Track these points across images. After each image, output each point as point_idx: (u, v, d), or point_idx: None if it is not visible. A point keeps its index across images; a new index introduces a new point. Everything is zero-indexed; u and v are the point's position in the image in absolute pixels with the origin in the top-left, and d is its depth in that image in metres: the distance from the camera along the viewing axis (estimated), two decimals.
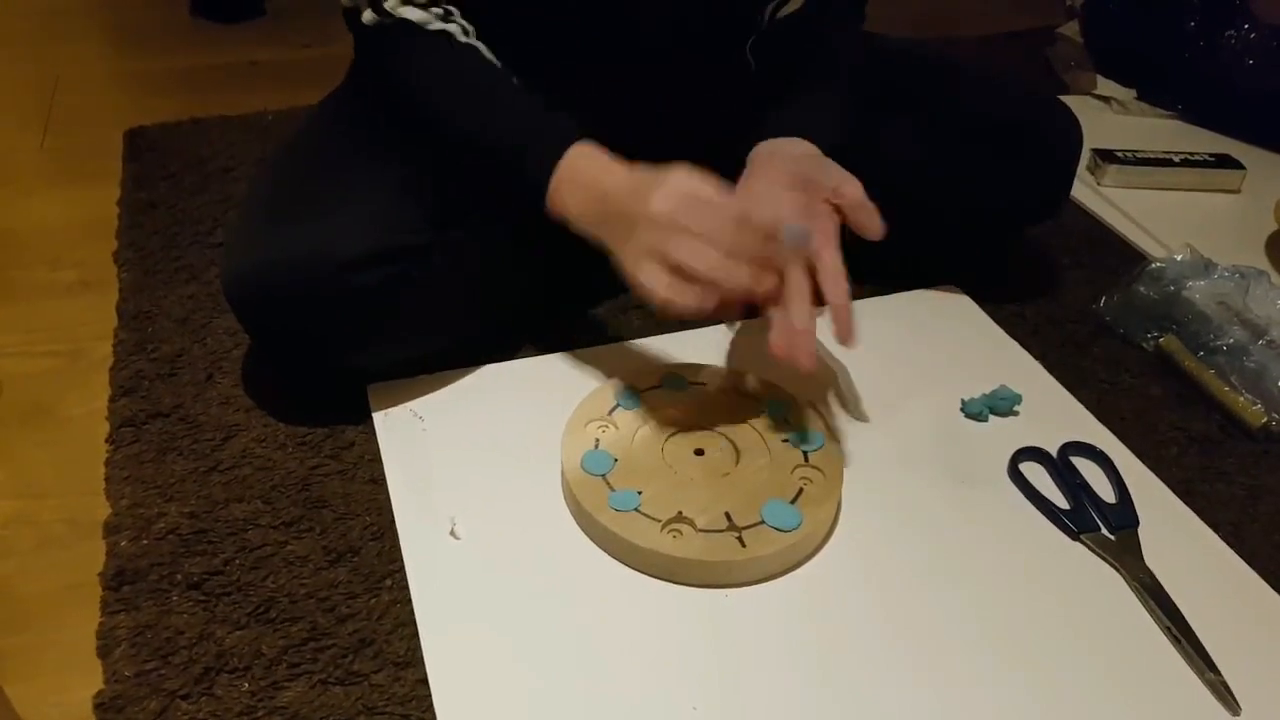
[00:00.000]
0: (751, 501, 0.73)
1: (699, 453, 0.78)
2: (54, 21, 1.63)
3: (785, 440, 0.79)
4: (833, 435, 0.80)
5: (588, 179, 0.74)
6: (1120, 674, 0.66)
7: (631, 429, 0.80)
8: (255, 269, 0.76)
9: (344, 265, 0.75)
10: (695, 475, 0.76)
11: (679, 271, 0.68)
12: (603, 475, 0.75)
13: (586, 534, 0.73)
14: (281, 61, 1.50)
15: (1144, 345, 0.96)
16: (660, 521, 0.71)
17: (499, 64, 0.79)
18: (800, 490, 0.74)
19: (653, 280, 0.69)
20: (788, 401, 0.82)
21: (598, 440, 0.78)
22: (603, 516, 0.71)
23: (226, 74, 1.47)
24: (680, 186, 0.70)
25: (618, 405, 0.81)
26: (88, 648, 0.66)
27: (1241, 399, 0.88)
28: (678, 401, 0.83)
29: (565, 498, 0.76)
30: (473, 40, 0.79)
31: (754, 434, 0.80)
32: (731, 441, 0.79)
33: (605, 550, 0.72)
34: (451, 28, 0.78)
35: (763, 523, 0.71)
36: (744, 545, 0.70)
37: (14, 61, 1.52)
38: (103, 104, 1.38)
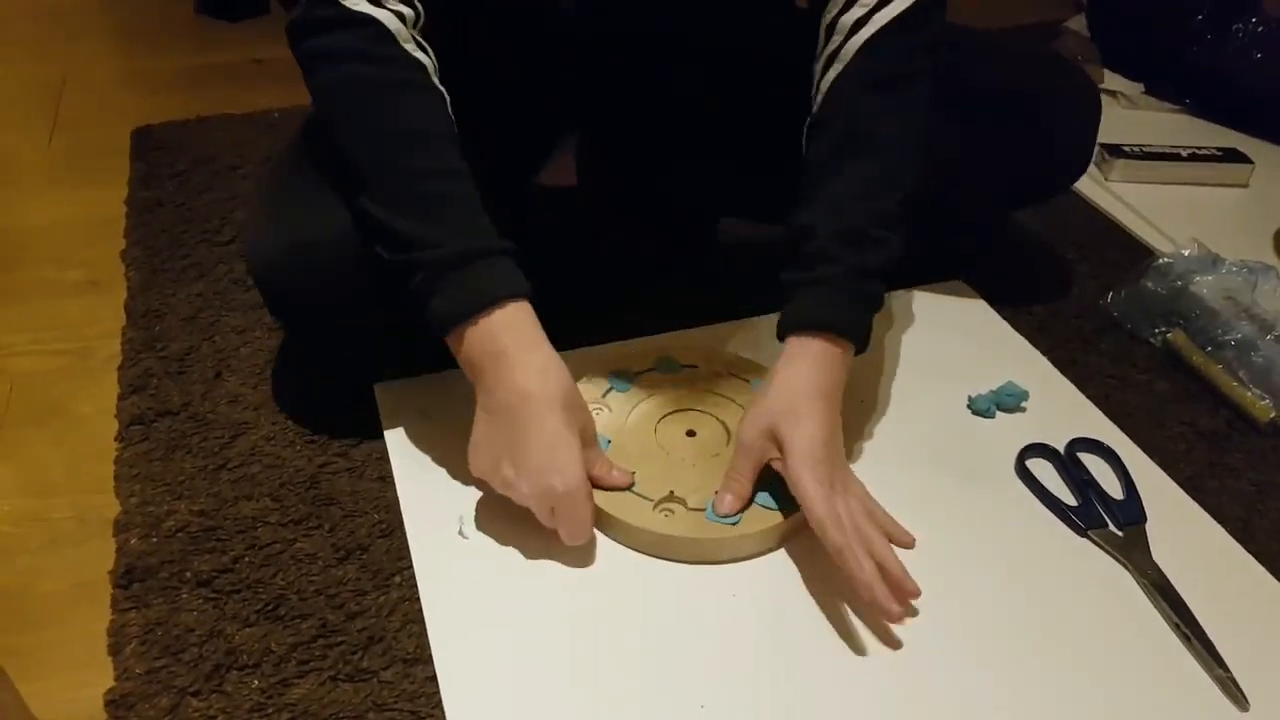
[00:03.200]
0: None
1: (691, 434, 0.79)
2: (60, 21, 1.64)
3: None
4: None
5: (495, 347, 0.67)
6: (1128, 671, 0.66)
7: (625, 411, 0.80)
8: (279, 245, 0.75)
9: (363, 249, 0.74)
10: (687, 456, 0.77)
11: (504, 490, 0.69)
12: None
13: None
14: (286, 59, 1.46)
15: (1151, 340, 0.96)
16: (653, 501, 0.72)
17: (454, 125, 0.72)
18: None
19: (486, 472, 0.69)
20: None
21: None
22: (596, 497, 0.72)
23: (232, 72, 1.48)
24: (577, 485, 0.67)
25: (611, 389, 0.82)
26: (98, 645, 0.67)
27: (1249, 394, 0.88)
28: (671, 384, 0.83)
29: None
30: (434, 80, 0.72)
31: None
32: (723, 423, 0.80)
33: (600, 530, 0.73)
34: (419, 55, 0.72)
35: (754, 502, 0.72)
36: (735, 523, 0.71)
37: (21, 61, 1.52)
38: (109, 103, 1.38)
